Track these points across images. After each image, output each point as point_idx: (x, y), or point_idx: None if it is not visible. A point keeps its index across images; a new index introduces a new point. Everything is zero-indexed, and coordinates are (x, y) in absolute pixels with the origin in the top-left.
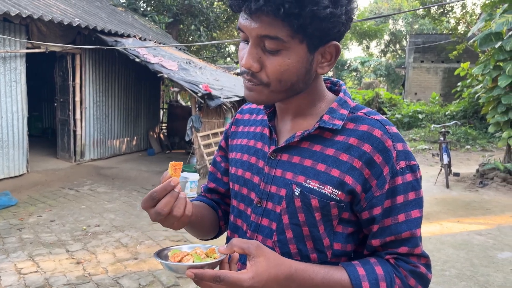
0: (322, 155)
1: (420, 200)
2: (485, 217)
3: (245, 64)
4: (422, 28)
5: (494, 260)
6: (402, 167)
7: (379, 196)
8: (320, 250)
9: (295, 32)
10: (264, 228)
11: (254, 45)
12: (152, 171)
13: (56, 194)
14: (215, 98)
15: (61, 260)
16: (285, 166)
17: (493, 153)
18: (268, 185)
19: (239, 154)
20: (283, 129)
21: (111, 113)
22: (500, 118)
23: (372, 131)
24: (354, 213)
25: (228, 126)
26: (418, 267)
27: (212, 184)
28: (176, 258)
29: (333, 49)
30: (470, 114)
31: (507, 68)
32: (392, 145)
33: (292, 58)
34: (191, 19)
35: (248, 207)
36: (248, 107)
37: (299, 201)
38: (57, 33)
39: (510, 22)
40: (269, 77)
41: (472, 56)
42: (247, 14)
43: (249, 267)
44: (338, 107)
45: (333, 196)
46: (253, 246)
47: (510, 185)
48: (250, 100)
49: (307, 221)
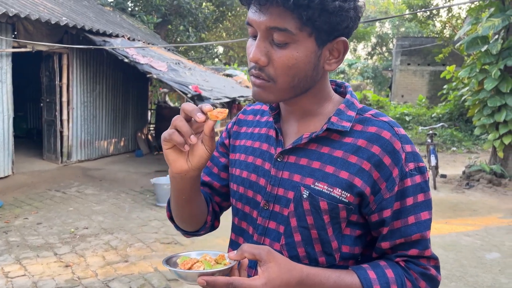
0: (330, 157)
1: (429, 202)
2: (472, 218)
3: (252, 57)
4: (408, 31)
5: (483, 261)
6: (411, 169)
7: (388, 198)
8: (328, 253)
9: (304, 25)
10: (271, 231)
11: (263, 39)
12: (140, 173)
13: (43, 196)
14: (205, 99)
15: (49, 263)
16: (293, 168)
17: (478, 155)
18: (275, 187)
19: (243, 155)
20: (289, 131)
21: (99, 113)
22: (486, 121)
23: (381, 132)
24: (362, 215)
25: (230, 125)
26: (428, 269)
27: (207, 178)
28: (186, 266)
29: (341, 46)
30: (456, 117)
31: (493, 71)
32: (401, 147)
33: (300, 51)
34: (179, 20)
35: (254, 209)
36: (252, 108)
37: (308, 204)
38: (44, 32)
39: (496, 26)
40: (276, 71)
41: (458, 59)
42: (257, 6)
43: (261, 273)
44: (345, 109)
45: (342, 198)
46: (264, 251)
47: (496, 186)
48: (257, 99)
49: (315, 223)
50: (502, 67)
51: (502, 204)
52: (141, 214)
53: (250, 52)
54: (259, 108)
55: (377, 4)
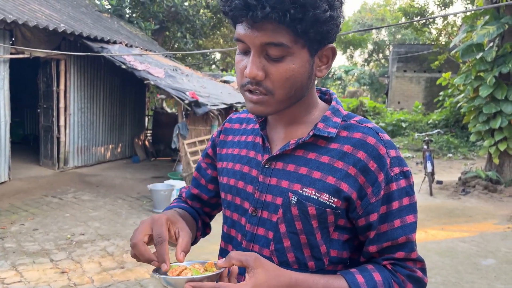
0: (317, 162)
1: (414, 205)
2: (468, 225)
3: (249, 73)
4: (404, 38)
5: (478, 267)
6: (396, 173)
7: (375, 203)
8: (317, 258)
9: (298, 37)
10: (260, 237)
11: (257, 54)
12: (137, 179)
13: (39, 202)
14: (202, 106)
15: (45, 269)
16: (280, 174)
17: (474, 162)
18: (263, 194)
19: (230, 163)
20: (276, 138)
21: (96, 119)
22: (481, 127)
23: (366, 138)
24: (350, 220)
25: (215, 134)
26: (415, 272)
27: (195, 190)
28: (174, 273)
29: (330, 52)
30: (452, 123)
31: (488, 78)
32: (385, 152)
33: (297, 63)
34: (177, 26)
35: (242, 217)
36: (237, 117)
37: (296, 209)
38: (41, 38)
39: (491, 33)
40: (274, 84)
41: (453, 66)
42: (250, 23)
43: (248, 279)
44: (331, 115)
45: (330, 203)
46: (251, 258)
47: (491, 193)
48: (255, 113)
49: (304, 229)
50: (497, 74)
51: (498, 210)
52: (137, 220)
53: (241, 69)
54: (244, 116)
55: (374, 11)
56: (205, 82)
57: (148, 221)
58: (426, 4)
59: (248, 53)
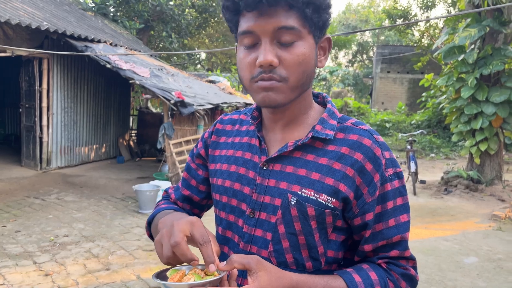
0: (315, 164)
1: (407, 205)
2: (451, 223)
3: (265, 60)
4: (388, 40)
5: (461, 265)
6: (391, 174)
7: (370, 202)
8: (315, 258)
9: (305, 22)
10: (258, 239)
11: (270, 42)
12: (121, 179)
13: (21, 204)
14: (188, 106)
15: (28, 272)
16: (279, 176)
17: (456, 161)
18: (261, 195)
19: (225, 165)
20: (273, 139)
21: (80, 119)
22: (463, 128)
23: (362, 140)
24: (346, 220)
25: (207, 135)
26: (408, 270)
27: (186, 191)
28: (175, 278)
29: (326, 43)
30: (434, 124)
31: (469, 80)
32: (381, 153)
33: (307, 48)
34: (162, 26)
35: (239, 218)
36: (229, 118)
37: (296, 210)
38: (24, 37)
39: (473, 36)
40: (288, 70)
41: (436, 68)
42: (262, 10)
43: (251, 282)
44: (328, 118)
45: (328, 204)
46: (253, 261)
47: (473, 192)
48: (267, 103)
49: (303, 229)
50: (478, 76)
51: (479, 209)
52: (123, 221)
53: (248, 62)
54: (237, 117)
55: (358, 13)
56: (191, 82)
57: (185, 223)
58: (409, 6)
59: (256, 45)
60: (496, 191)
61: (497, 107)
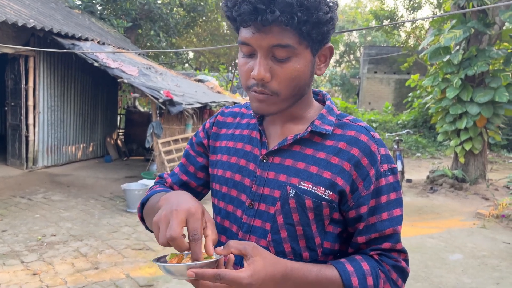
0: (314, 158)
1: (400, 200)
2: (436, 221)
3: (258, 75)
4: (375, 40)
5: (446, 262)
6: (385, 170)
7: (365, 196)
8: (311, 249)
9: (302, 39)
10: (257, 229)
11: (264, 56)
12: (109, 178)
13: (7, 203)
14: (177, 105)
15: (16, 271)
16: (278, 168)
17: (441, 161)
18: (260, 187)
19: (225, 156)
20: (273, 133)
21: (67, 118)
22: (448, 128)
23: (359, 136)
24: (341, 212)
25: (208, 125)
26: (399, 262)
27: (184, 177)
28: (174, 261)
29: (327, 51)
30: (420, 123)
31: (455, 80)
32: (376, 149)
33: (301, 63)
34: (150, 24)
35: (237, 208)
36: (230, 111)
37: (294, 202)
38: (9, 34)
39: (458, 37)
40: (280, 84)
41: (421, 68)
42: (257, 27)
43: (247, 266)
44: (327, 114)
45: (325, 196)
46: (249, 246)
47: (457, 190)
48: (260, 112)
49: (301, 220)
50: (463, 77)
51: (464, 208)
52: (111, 220)
53: (246, 70)
54: (238, 110)
55: (345, 13)
56: (179, 81)
57: (184, 212)
58: (395, 7)
59: (253, 55)
60: (480, 189)
61: (481, 107)
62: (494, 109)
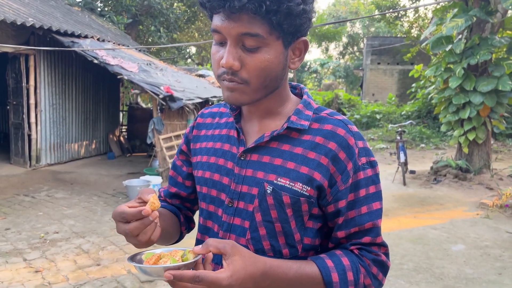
0: (291, 154)
1: (379, 193)
2: (439, 212)
3: (226, 63)
4: (378, 31)
5: (448, 253)
6: (364, 163)
7: (343, 190)
8: (291, 245)
9: (273, 29)
10: (236, 227)
11: (234, 45)
12: (112, 175)
13: (11, 201)
14: (177, 100)
15: (18, 269)
16: (256, 165)
17: (445, 151)
18: (239, 185)
19: (205, 157)
20: (250, 130)
21: (69, 116)
22: (451, 118)
23: (336, 130)
24: (320, 207)
25: (188, 130)
26: (379, 256)
27: (173, 189)
28: (151, 261)
29: (302, 45)
30: (424, 114)
31: (457, 70)
32: (354, 143)
33: (271, 54)
34: (150, 20)
35: (218, 208)
36: (209, 111)
37: (272, 199)
38: (9, 33)
39: (460, 26)
40: (249, 74)
41: (425, 59)
42: (227, 14)
43: (226, 266)
44: (303, 108)
45: (303, 192)
46: (228, 245)
47: (461, 181)
48: (231, 102)
49: (279, 217)
50: (465, 66)
51: (467, 198)
52: None
53: (217, 59)
54: (216, 110)
55: (348, 4)
56: (180, 76)
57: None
58: None
59: (224, 44)
60: (485, 179)
61: (484, 97)
62: (498, 98)
